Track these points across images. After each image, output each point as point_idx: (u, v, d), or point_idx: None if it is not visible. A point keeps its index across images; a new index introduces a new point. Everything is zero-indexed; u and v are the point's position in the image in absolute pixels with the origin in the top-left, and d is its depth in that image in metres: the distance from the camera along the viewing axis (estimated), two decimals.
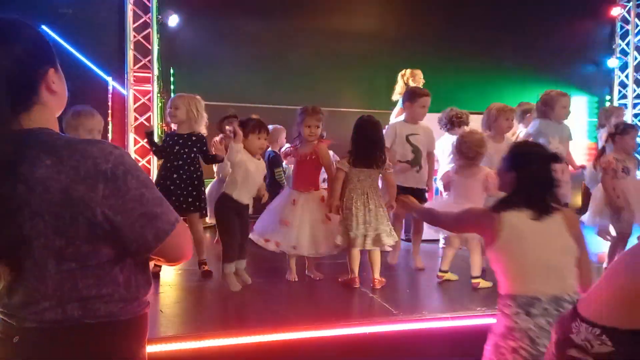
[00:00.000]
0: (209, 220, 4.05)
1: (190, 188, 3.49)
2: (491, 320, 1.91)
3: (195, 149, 3.57)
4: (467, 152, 3.28)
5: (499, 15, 7.27)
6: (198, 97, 3.69)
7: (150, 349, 2.16)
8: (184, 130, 3.59)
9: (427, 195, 4.00)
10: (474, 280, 3.32)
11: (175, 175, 3.49)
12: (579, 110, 7.42)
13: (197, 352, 2.23)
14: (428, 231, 3.83)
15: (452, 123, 4.14)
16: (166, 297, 3.06)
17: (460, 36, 7.03)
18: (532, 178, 1.83)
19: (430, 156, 3.98)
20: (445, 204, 3.33)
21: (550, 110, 3.72)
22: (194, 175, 3.54)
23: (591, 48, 7.93)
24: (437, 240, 4.51)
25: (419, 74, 4.95)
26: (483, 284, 3.30)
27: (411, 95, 3.94)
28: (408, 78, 4.89)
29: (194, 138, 3.58)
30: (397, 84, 4.91)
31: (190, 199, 3.48)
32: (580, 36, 7.81)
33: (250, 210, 3.30)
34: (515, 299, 1.73)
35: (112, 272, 1.09)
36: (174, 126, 3.73)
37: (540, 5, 7.37)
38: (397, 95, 4.75)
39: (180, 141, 3.55)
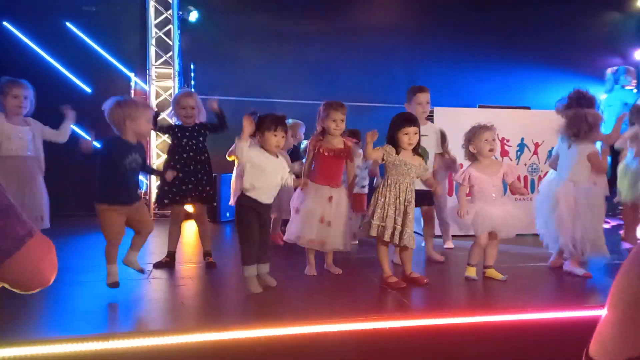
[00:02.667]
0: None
1: (201, 177, 3.57)
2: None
3: (201, 138, 3.66)
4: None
5: (521, 7, 7.14)
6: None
7: (172, 340, 2.21)
8: (190, 123, 3.65)
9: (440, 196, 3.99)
10: (484, 269, 3.37)
11: (186, 167, 3.56)
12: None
13: (217, 344, 2.27)
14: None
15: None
16: (187, 290, 3.11)
17: (480, 29, 6.93)
18: None
19: (437, 157, 3.98)
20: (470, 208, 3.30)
21: None
22: (205, 166, 3.63)
23: (617, 40, 7.73)
24: (454, 236, 4.49)
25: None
26: (494, 274, 3.33)
27: (408, 93, 3.97)
28: None
29: (197, 127, 3.67)
30: None
31: (200, 188, 3.57)
32: (606, 28, 7.62)
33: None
34: None
35: None
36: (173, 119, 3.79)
37: None
38: None
39: (187, 134, 3.63)
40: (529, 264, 3.85)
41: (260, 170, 2.94)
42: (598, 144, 3.63)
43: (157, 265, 3.54)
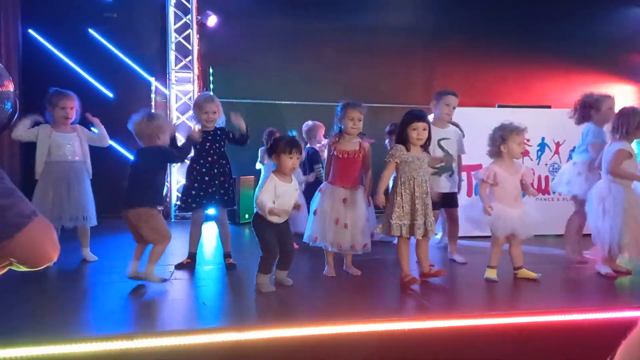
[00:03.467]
0: None
1: (223, 181, 3.62)
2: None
3: (222, 142, 3.72)
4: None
5: (540, 5, 7.05)
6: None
7: (193, 340, 2.25)
8: (210, 127, 3.71)
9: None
10: (515, 271, 3.37)
11: (208, 171, 3.62)
12: (627, 102, 7.11)
13: (238, 344, 2.30)
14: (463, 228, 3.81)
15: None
16: (208, 291, 3.16)
17: (498, 28, 6.87)
18: None
19: (460, 160, 3.96)
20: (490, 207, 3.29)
21: None
22: (225, 169, 3.69)
23: (638, 36, 7.57)
24: (471, 237, 4.46)
25: None
26: (526, 274, 3.33)
27: (436, 95, 3.96)
28: None
29: (219, 132, 3.73)
30: None
31: (222, 191, 3.62)
32: (627, 24, 7.47)
33: None
34: None
35: None
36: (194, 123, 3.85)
37: None
38: None
39: (210, 137, 3.68)
40: (548, 264, 3.80)
41: (277, 199, 3.00)
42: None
43: (179, 267, 3.60)
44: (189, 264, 3.64)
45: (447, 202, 3.83)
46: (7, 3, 5.50)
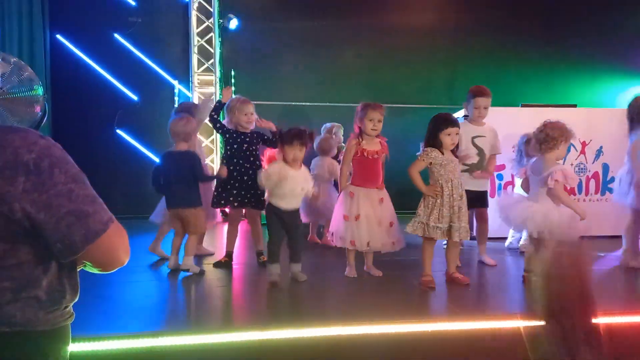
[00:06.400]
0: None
1: (254, 182, 3.63)
2: None
3: (257, 145, 3.78)
4: None
5: (565, 2, 6.91)
6: None
7: (218, 338, 2.28)
8: (248, 129, 3.75)
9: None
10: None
11: (243, 171, 3.67)
12: None
13: (261, 343, 2.32)
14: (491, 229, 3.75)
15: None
16: (237, 289, 3.20)
17: (522, 27, 6.77)
18: None
19: (492, 158, 3.86)
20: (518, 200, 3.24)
21: None
22: (258, 171, 3.69)
23: None
24: (501, 238, 4.40)
25: None
26: None
27: (469, 94, 3.87)
28: None
29: (255, 135, 3.78)
30: None
31: (253, 192, 3.65)
32: None
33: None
34: None
35: (33, 275, 0.97)
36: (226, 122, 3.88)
37: None
38: None
39: (247, 139, 3.73)
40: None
41: (278, 181, 3.14)
42: None
43: (217, 265, 3.68)
44: (227, 262, 3.71)
45: (477, 201, 3.75)
46: (36, 10, 5.67)
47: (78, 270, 1.09)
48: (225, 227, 4.23)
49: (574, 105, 5.33)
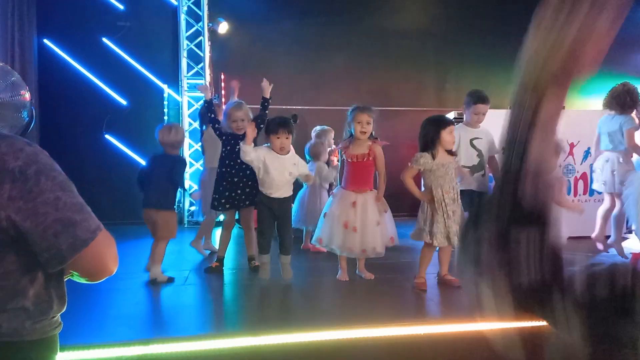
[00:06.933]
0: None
1: (251, 185, 3.62)
2: None
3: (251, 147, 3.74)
4: None
5: None
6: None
7: (205, 345, 2.26)
8: (241, 132, 3.74)
9: None
10: None
11: (237, 173, 3.65)
12: None
13: (252, 349, 2.31)
14: None
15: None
16: (224, 296, 3.17)
17: (511, 30, 6.78)
18: None
19: (493, 160, 3.87)
20: None
21: None
22: (253, 173, 3.68)
23: None
24: None
25: None
26: None
27: (469, 98, 3.86)
28: None
29: None
30: None
31: (247, 191, 3.62)
32: (636, 24, 7.36)
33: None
34: None
35: (20, 284, 0.95)
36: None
37: None
38: None
39: (240, 142, 3.69)
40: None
41: (264, 167, 3.23)
42: None
43: (208, 270, 3.65)
44: (218, 268, 3.67)
45: (472, 202, 3.75)
46: (23, 14, 5.61)
47: (65, 279, 1.08)
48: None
49: (562, 107, 5.38)
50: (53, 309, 1.02)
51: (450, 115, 4.69)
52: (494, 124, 4.04)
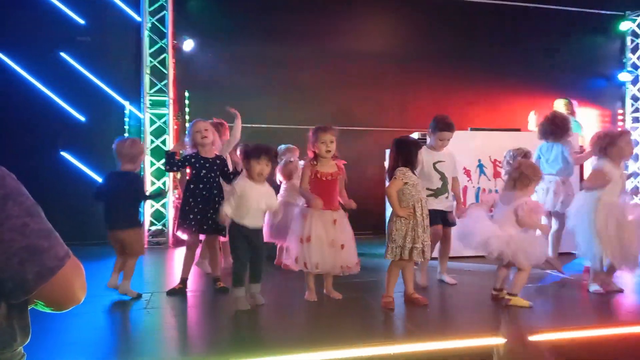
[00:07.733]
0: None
1: (214, 209, 3.55)
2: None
3: (219, 172, 3.71)
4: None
5: (507, 33, 7.33)
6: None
7: None
8: (209, 154, 3.69)
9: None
10: (508, 296, 3.29)
11: (201, 197, 3.59)
12: (592, 124, 7.42)
13: None
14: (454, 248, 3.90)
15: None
16: (188, 319, 3.08)
17: (468, 54, 7.08)
18: None
19: (456, 181, 3.97)
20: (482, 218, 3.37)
21: None
22: (219, 197, 3.64)
23: (602, 62, 7.94)
24: (461, 257, 4.50)
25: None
26: (518, 302, 3.27)
27: (435, 124, 3.92)
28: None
29: (218, 161, 3.72)
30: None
31: (213, 217, 3.53)
32: (591, 51, 7.83)
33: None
34: None
35: None
36: (188, 149, 3.81)
37: (548, 22, 7.44)
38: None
39: (207, 165, 3.66)
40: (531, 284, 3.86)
41: (242, 197, 3.16)
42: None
43: (171, 293, 3.54)
44: (181, 290, 3.58)
45: (438, 219, 3.79)
46: None
47: (29, 309, 1.02)
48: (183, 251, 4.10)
49: (519, 129, 5.60)
50: (17, 341, 0.96)
51: (415, 136, 4.79)
52: (456, 145, 4.17)
